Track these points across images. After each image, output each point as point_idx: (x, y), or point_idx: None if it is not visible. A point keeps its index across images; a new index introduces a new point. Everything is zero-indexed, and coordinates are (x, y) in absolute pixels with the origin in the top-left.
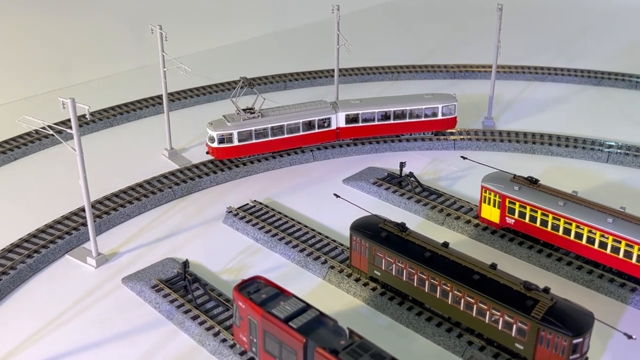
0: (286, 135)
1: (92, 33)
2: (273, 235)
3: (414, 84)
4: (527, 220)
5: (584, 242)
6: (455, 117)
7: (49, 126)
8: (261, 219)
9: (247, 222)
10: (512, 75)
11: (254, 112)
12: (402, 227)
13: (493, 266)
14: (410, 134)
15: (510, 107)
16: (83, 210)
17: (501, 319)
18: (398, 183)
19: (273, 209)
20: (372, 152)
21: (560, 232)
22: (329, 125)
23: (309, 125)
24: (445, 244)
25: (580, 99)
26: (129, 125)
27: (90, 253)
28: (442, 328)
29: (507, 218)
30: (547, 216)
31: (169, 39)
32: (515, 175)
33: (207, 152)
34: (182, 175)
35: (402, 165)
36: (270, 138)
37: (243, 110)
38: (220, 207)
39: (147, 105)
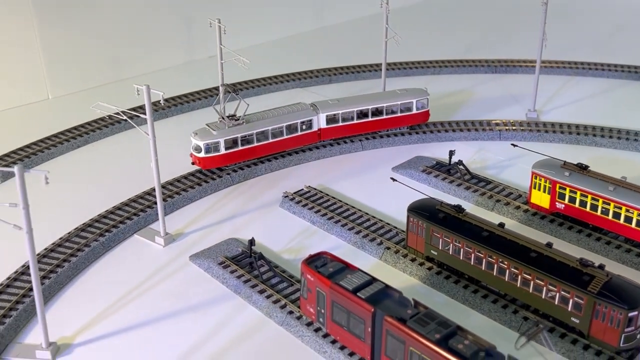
0: (270, 140)
1: (142, 28)
2: (329, 218)
3: (456, 78)
4: (577, 205)
5: (633, 225)
6: (427, 111)
7: (123, 112)
8: (317, 203)
9: (303, 206)
10: (552, 70)
11: (238, 119)
12: (458, 208)
13: (549, 245)
14: (387, 130)
15: (552, 100)
16: (148, 193)
17: (557, 294)
18: (447, 171)
19: (327, 194)
20: (419, 142)
21: (610, 216)
22: (310, 127)
23: (293, 128)
24: (501, 225)
25: (622, 93)
26: (183, 117)
27: (158, 233)
28: (497, 305)
29: (557, 203)
30: (597, 201)
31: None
32: (565, 161)
33: (193, 163)
34: (239, 163)
35: (451, 153)
36: (255, 144)
37: (227, 117)
38: (276, 192)
39: (199, 98)
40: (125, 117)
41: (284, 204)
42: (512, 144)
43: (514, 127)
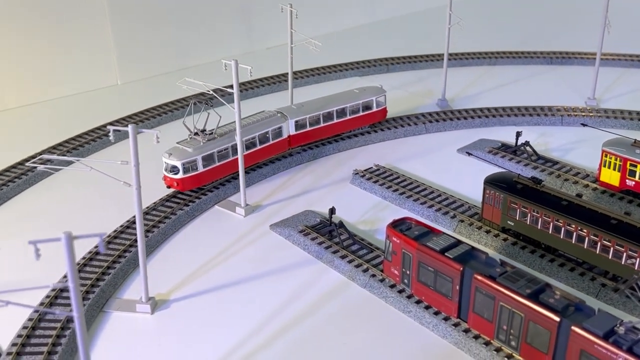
0: (245, 152)
1: (206, 19)
2: (401, 194)
3: (512, 69)
4: None
5: None
6: (385, 108)
7: (213, 90)
8: (387, 179)
9: (374, 182)
10: (608, 62)
11: (211, 133)
12: (536, 180)
13: (627, 213)
14: (351, 130)
15: (610, 90)
16: None
17: (638, 260)
18: (513, 152)
19: (396, 172)
20: (482, 126)
21: None
22: (280, 135)
23: (265, 137)
24: (579, 195)
25: None
26: (248, 103)
27: (238, 204)
28: (575, 273)
29: (627, 180)
30: None
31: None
32: (635, 140)
33: (168, 186)
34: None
35: (518, 134)
36: (231, 158)
37: (201, 131)
38: (345, 170)
39: (262, 85)
40: (212, 94)
41: (354, 180)
42: (582, 124)
43: (575, 113)
